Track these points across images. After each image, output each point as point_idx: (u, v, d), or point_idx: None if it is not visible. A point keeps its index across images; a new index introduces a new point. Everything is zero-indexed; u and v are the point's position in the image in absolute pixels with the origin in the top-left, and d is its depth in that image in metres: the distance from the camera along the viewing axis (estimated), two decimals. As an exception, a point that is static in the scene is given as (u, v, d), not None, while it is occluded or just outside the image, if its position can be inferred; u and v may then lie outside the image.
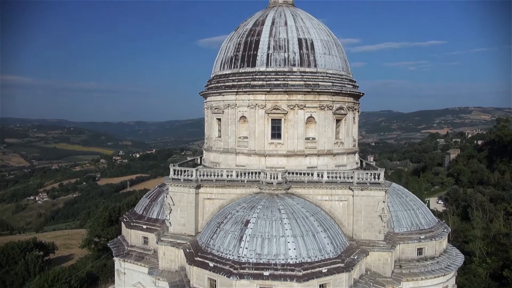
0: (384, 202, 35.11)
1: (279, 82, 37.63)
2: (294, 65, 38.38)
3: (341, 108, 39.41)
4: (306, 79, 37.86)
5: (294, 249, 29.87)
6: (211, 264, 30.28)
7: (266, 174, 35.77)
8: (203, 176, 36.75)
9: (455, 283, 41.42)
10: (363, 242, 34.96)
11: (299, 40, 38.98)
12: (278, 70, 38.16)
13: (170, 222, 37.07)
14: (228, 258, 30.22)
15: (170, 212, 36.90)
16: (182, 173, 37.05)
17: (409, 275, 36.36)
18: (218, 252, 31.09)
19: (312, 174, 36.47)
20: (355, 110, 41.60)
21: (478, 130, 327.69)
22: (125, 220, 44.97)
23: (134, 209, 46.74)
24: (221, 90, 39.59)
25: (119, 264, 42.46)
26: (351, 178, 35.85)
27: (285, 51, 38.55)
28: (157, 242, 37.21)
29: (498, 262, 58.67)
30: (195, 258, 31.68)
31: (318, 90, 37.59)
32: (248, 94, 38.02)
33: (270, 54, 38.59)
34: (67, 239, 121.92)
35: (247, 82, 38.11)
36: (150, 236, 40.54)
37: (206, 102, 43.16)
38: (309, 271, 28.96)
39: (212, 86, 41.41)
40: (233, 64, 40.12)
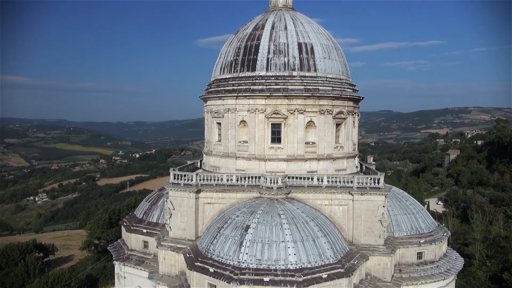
0: (384, 206, 35.18)
1: (279, 86, 37.66)
2: (294, 69, 38.38)
3: (341, 112, 39.44)
4: (306, 84, 37.88)
5: (294, 254, 29.92)
6: (211, 269, 30.34)
7: (266, 179, 35.79)
8: (203, 180, 36.80)
9: (455, 287, 41.50)
10: (363, 246, 35.03)
11: (299, 44, 39.00)
12: (278, 74, 38.18)
13: (170, 227, 37.11)
14: (228, 263, 30.29)
15: (170, 216, 36.94)
16: (182, 177, 37.07)
17: (409, 280, 36.44)
18: (218, 257, 31.15)
19: (312, 179, 36.49)
20: (355, 114, 41.64)
21: (477, 130, 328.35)
22: (125, 224, 45.02)
23: (134, 212, 46.77)
24: (221, 95, 39.63)
25: (119, 268, 42.51)
26: (351, 182, 35.89)
27: (285, 56, 38.57)
28: (157, 247, 37.23)
29: (497, 265, 58.72)
30: (195, 263, 31.74)
31: (318, 94, 37.62)
32: (248, 98, 38.05)
33: (270, 59, 38.59)
34: (67, 240, 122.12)
35: (247, 87, 38.15)
36: (150, 240, 40.61)
37: (206, 106, 43.17)
38: (309, 277, 29.02)
39: (212, 90, 41.44)
40: (233, 68, 40.14)
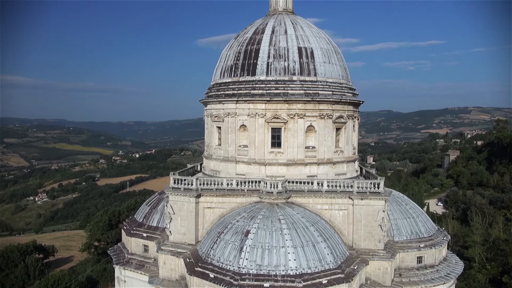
0: (384, 211, 35.20)
1: (279, 91, 37.68)
2: (294, 74, 38.39)
3: (341, 116, 39.46)
4: (306, 88, 37.90)
5: (294, 260, 29.94)
6: (212, 274, 30.37)
7: (266, 183, 35.80)
8: (203, 185, 36.83)
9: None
10: (363, 251, 35.06)
11: (299, 48, 39.01)
12: (278, 79, 38.21)
13: (170, 231, 37.12)
14: (228, 269, 30.32)
15: (170, 221, 36.96)
16: (182, 182, 37.06)
17: (409, 284, 36.45)
18: (218, 262, 31.17)
19: (312, 183, 36.54)
20: (355, 118, 41.65)
21: (477, 130, 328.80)
22: (125, 227, 45.06)
23: (134, 216, 46.81)
24: (221, 99, 39.66)
25: (119, 271, 42.55)
26: (351, 187, 35.91)
27: (285, 60, 38.58)
28: (157, 251, 37.27)
29: (497, 268, 58.84)
30: (196, 268, 31.77)
31: (318, 99, 37.65)
32: (248, 103, 38.08)
33: (270, 63, 38.61)
34: (67, 241, 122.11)
35: (247, 91, 38.16)
36: (150, 244, 40.63)
37: (206, 110, 43.19)
38: (309, 282, 29.06)
39: (212, 94, 41.46)
40: (233, 72, 40.15)
